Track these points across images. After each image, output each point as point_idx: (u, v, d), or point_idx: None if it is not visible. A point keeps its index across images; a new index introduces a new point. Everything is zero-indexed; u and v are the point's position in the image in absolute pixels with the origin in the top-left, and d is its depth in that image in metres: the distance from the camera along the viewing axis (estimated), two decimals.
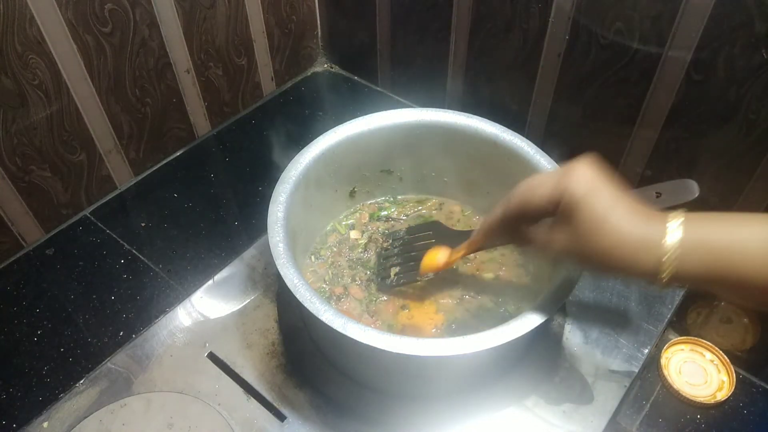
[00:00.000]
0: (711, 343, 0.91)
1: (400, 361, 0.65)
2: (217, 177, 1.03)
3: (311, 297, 0.63)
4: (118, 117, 0.93)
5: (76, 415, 0.72)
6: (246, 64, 1.09)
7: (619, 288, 0.84)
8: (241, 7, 1.01)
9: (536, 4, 0.86)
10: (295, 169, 0.77)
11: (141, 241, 0.92)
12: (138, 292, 0.85)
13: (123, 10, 0.85)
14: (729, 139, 0.79)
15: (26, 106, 0.81)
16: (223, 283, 0.85)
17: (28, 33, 0.77)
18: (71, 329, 0.82)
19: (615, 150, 0.91)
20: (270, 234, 0.69)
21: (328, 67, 1.24)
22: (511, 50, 0.93)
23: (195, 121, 1.06)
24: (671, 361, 0.90)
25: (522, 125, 0.99)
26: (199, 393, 0.74)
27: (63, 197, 0.92)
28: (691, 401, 0.86)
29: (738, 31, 0.71)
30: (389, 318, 0.77)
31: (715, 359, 0.91)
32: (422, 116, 0.83)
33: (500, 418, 0.72)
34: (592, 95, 0.88)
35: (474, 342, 0.60)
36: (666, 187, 0.64)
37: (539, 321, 0.62)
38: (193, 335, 0.79)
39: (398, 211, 0.90)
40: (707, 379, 0.89)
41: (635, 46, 0.80)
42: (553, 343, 0.78)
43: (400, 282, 0.79)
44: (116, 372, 0.76)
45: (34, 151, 0.85)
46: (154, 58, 0.93)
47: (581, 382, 0.75)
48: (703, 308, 0.92)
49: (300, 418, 0.72)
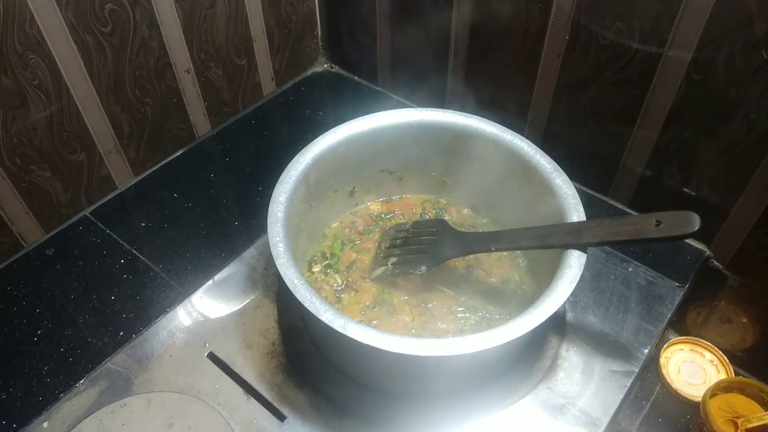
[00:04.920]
0: (711, 343, 0.91)
1: (400, 361, 0.65)
2: (217, 177, 1.03)
3: (311, 297, 0.63)
4: (118, 117, 0.93)
5: (76, 415, 0.72)
6: (246, 64, 1.09)
7: (619, 288, 0.84)
8: (241, 7, 1.01)
9: (536, 4, 0.86)
10: (295, 169, 0.77)
11: (141, 241, 0.92)
12: (138, 292, 0.85)
13: (123, 10, 0.85)
14: (729, 139, 0.79)
15: (26, 106, 0.81)
16: (223, 283, 0.85)
17: (28, 33, 0.77)
18: (71, 329, 0.82)
19: (615, 150, 0.91)
20: (270, 234, 0.69)
21: (328, 67, 1.24)
22: (511, 50, 0.93)
23: (195, 121, 1.06)
24: (670, 360, 0.90)
25: (522, 125, 0.99)
26: (199, 393, 0.74)
27: (63, 197, 0.92)
28: (691, 401, 0.86)
29: (738, 31, 0.71)
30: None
31: (715, 359, 0.91)
32: (422, 116, 0.83)
33: (500, 418, 0.72)
34: (592, 95, 0.88)
35: (474, 342, 0.60)
36: (667, 217, 0.64)
37: (539, 321, 0.62)
38: (193, 335, 0.79)
39: (398, 210, 0.90)
40: (706, 378, 0.89)
41: (635, 46, 0.80)
42: (553, 343, 0.78)
43: (395, 272, 0.79)
44: (116, 372, 0.76)
45: (34, 151, 0.85)
46: (154, 58, 0.93)
47: (581, 382, 0.75)
48: (703, 308, 0.92)
49: (300, 418, 0.72)
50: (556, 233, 0.70)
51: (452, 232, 0.80)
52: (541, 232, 0.71)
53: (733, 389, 0.82)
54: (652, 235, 0.64)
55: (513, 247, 0.78)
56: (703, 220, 0.63)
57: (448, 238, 0.79)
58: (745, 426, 0.77)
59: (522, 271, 0.82)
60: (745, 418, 0.78)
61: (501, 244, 0.75)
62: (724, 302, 0.90)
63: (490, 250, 0.78)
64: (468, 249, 0.77)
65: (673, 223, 0.64)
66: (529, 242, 0.72)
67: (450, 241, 0.78)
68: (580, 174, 0.90)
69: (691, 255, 0.88)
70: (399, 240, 0.82)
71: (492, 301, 0.79)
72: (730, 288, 0.89)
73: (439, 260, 0.78)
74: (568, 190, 0.73)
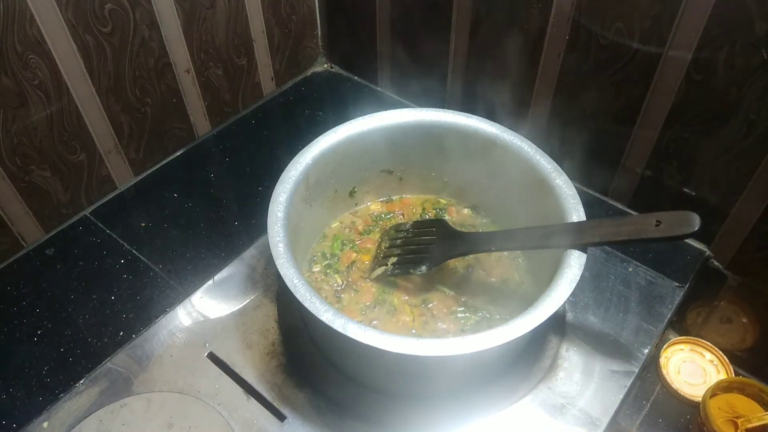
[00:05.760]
0: (710, 343, 0.91)
1: (400, 361, 0.65)
2: (217, 177, 1.03)
3: (311, 297, 0.63)
4: (118, 117, 0.93)
5: (76, 415, 0.72)
6: (246, 64, 1.09)
7: (619, 288, 0.84)
8: (241, 7, 1.01)
9: (536, 4, 0.86)
10: (295, 169, 0.77)
11: (141, 241, 0.92)
12: (138, 292, 0.85)
13: (123, 10, 0.85)
14: (729, 139, 0.79)
15: (26, 106, 0.81)
16: (223, 283, 0.85)
17: (28, 33, 0.77)
18: (71, 329, 0.82)
19: (615, 150, 0.91)
20: (270, 234, 0.69)
21: (328, 67, 1.24)
22: (511, 50, 0.93)
23: (195, 121, 1.06)
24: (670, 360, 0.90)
25: (522, 125, 0.99)
26: (199, 393, 0.74)
27: (63, 197, 0.92)
28: (691, 401, 0.86)
29: (738, 31, 0.71)
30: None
31: (715, 359, 0.91)
32: (422, 116, 0.83)
33: (500, 418, 0.72)
34: (592, 95, 0.88)
35: (474, 342, 0.60)
36: (667, 217, 0.64)
37: (539, 321, 0.62)
38: (193, 335, 0.79)
39: (398, 210, 0.90)
40: (706, 378, 0.89)
41: (635, 46, 0.80)
42: (553, 343, 0.78)
43: (394, 272, 0.79)
44: (116, 372, 0.76)
45: (34, 151, 0.85)
46: (154, 58, 0.93)
47: (581, 382, 0.75)
48: (703, 308, 0.92)
49: (300, 418, 0.72)
50: (556, 233, 0.70)
51: (452, 232, 0.80)
52: (541, 232, 0.71)
53: (733, 389, 0.82)
54: (652, 235, 0.64)
55: (513, 247, 0.78)
56: (703, 220, 0.63)
57: (448, 238, 0.79)
58: (745, 426, 0.77)
59: (522, 271, 0.82)
60: (745, 418, 0.78)
61: (501, 244, 0.75)
62: (724, 302, 0.90)
63: (490, 250, 0.78)
64: (468, 249, 0.77)
65: (673, 223, 0.64)
66: (529, 242, 0.72)
67: (450, 241, 0.78)
68: (580, 174, 0.90)
69: (691, 255, 0.88)
70: (399, 240, 0.82)
71: (492, 301, 0.79)
72: (730, 288, 0.89)
73: (439, 260, 0.78)
74: (568, 190, 0.73)
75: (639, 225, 0.65)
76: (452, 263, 0.82)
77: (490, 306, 0.78)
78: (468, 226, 0.88)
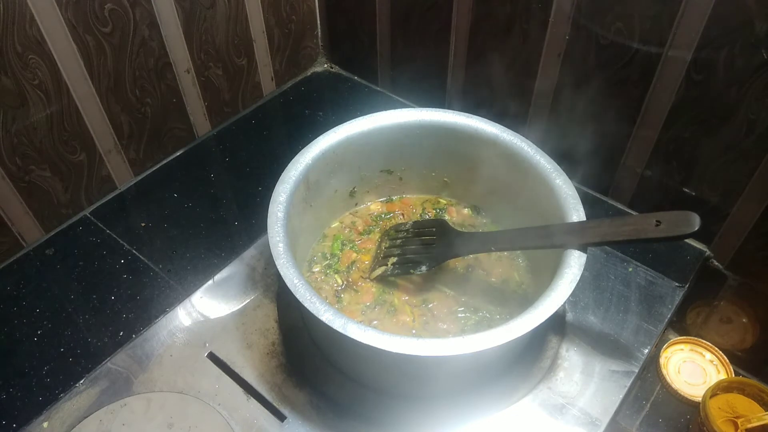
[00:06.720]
0: (711, 343, 0.91)
1: (401, 361, 0.65)
2: (217, 177, 1.03)
3: (311, 297, 0.63)
4: (118, 117, 0.93)
5: (76, 415, 0.72)
6: (246, 64, 1.09)
7: (619, 288, 0.84)
8: (241, 7, 1.01)
9: (536, 4, 0.86)
10: (295, 169, 0.77)
11: (141, 241, 0.92)
12: (138, 292, 0.85)
13: (123, 10, 0.85)
14: (729, 139, 0.79)
15: (26, 106, 0.81)
16: (223, 283, 0.85)
17: (28, 33, 0.77)
18: (71, 329, 0.82)
19: (615, 150, 0.91)
20: (270, 234, 0.69)
21: (328, 67, 1.24)
22: (511, 50, 0.93)
23: (195, 121, 1.06)
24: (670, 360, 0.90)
25: (522, 125, 0.99)
26: (199, 393, 0.74)
27: (63, 197, 0.92)
28: (691, 401, 0.86)
29: (738, 31, 0.71)
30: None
31: (715, 359, 0.91)
32: (422, 116, 0.83)
33: (500, 418, 0.72)
34: (591, 95, 0.88)
35: (474, 342, 0.60)
36: (667, 217, 0.64)
37: (539, 321, 0.62)
38: (193, 335, 0.79)
39: (398, 210, 0.90)
40: (706, 378, 0.89)
41: (635, 46, 0.80)
42: (553, 343, 0.78)
43: (395, 272, 0.79)
44: (116, 372, 0.76)
45: (34, 151, 0.85)
46: (154, 58, 0.93)
47: (581, 382, 0.75)
48: (703, 308, 0.92)
49: (300, 418, 0.72)
50: (556, 233, 0.70)
51: (452, 232, 0.80)
52: (541, 232, 0.71)
53: (733, 389, 0.82)
54: (652, 235, 0.64)
55: (513, 247, 0.78)
56: (703, 220, 0.63)
57: (448, 238, 0.79)
58: (745, 426, 0.77)
59: (522, 271, 0.82)
60: (745, 418, 0.78)
61: (501, 244, 0.75)
62: (724, 302, 0.90)
63: (490, 250, 0.78)
64: (468, 249, 0.77)
65: (673, 223, 0.64)
66: (529, 242, 0.72)
67: (450, 241, 0.78)
68: (580, 174, 0.90)
69: (691, 255, 0.88)
70: (399, 240, 0.82)
71: (492, 301, 0.79)
72: (730, 288, 0.89)
73: (439, 260, 0.78)
74: (568, 190, 0.73)
75: (639, 225, 0.66)
76: (452, 263, 0.82)
77: (491, 306, 0.78)
78: (468, 226, 0.88)
